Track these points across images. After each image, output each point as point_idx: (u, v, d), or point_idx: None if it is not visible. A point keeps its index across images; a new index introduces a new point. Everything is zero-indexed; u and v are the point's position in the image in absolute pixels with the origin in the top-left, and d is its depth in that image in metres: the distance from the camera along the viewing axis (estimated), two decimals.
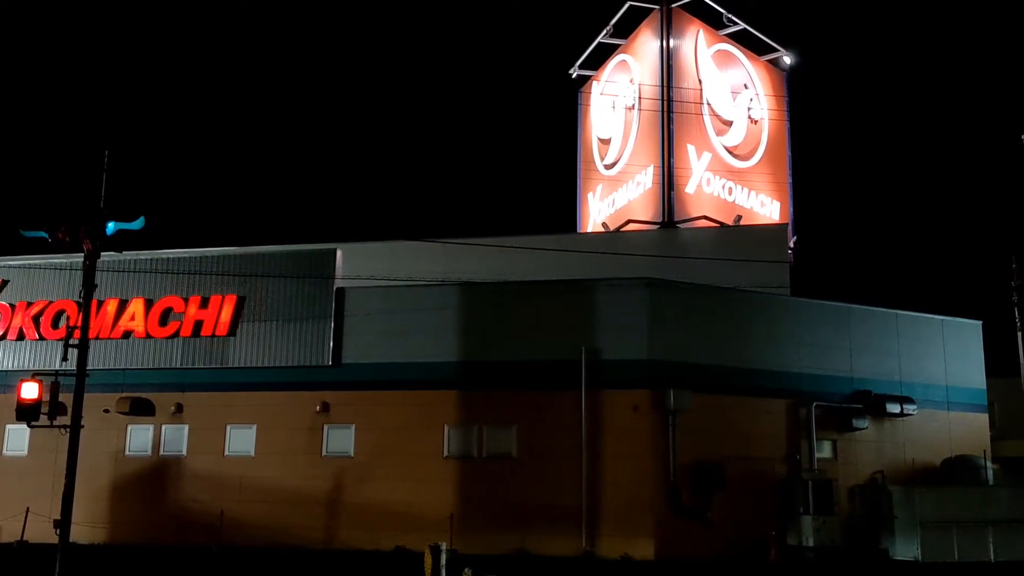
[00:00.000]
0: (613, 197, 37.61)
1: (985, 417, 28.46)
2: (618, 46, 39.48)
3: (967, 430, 27.67)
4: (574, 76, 41.46)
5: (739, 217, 35.79)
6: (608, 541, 23.12)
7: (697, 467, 23.76)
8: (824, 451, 25.65)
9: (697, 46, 36.81)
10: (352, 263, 27.12)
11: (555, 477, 23.71)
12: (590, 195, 39.43)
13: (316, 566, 22.39)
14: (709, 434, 24.15)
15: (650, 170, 35.36)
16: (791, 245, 35.41)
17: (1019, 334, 29.50)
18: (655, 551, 22.84)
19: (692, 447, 23.82)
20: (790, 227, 36.63)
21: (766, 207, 37.28)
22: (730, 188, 36.25)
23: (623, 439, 23.67)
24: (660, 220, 34.50)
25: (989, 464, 26.12)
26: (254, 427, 25.91)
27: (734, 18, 38.53)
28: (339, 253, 26.81)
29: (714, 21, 38.20)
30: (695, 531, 23.36)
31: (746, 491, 24.06)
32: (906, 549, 23.27)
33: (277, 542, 24.11)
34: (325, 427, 25.45)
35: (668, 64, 35.93)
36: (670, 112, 35.16)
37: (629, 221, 35.87)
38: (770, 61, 39.75)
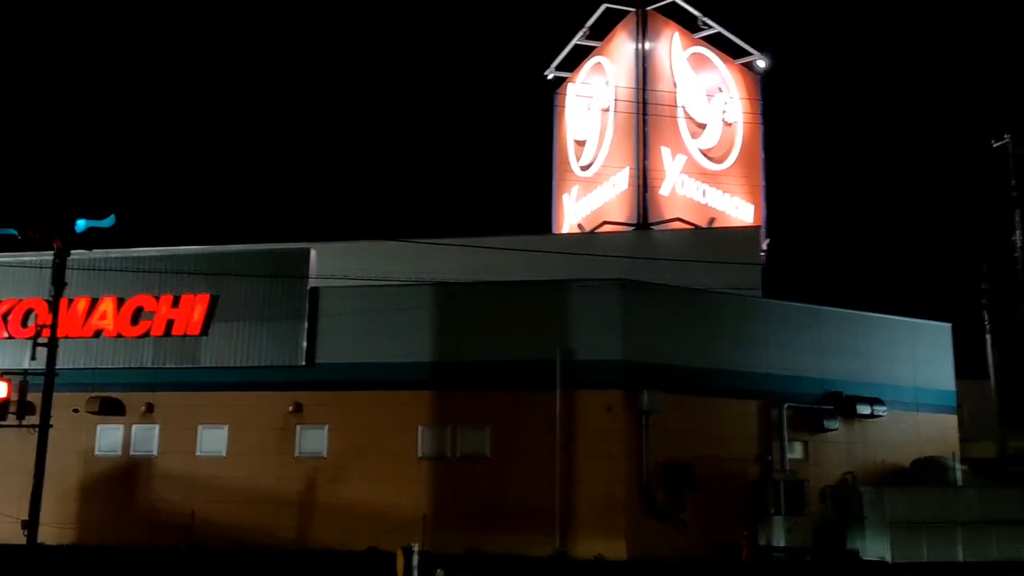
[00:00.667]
0: (588, 198, 37.69)
1: (954, 419, 28.77)
2: (594, 48, 39.58)
3: (936, 431, 27.96)
4: (550, 77, 41.51)
5: (713, 219, 35.99)
6: (582, 541, 23.16)
7: (670, 468, 23.87)
8: (795, 452, 25.85)
9: (672, 49, 36.99)
10: (326, 263, 27.01)
11: (529, 477, 23.73)
12: (565, 196, 39.50)
13: (288, 567, 22.27)
14: (682, 435, 24.26)
15: (625, 172, 35.48)
16: (764, 247, 35.66)
17: (987, 337, 29.92)
18: (628, 551, 22.90)
19: (665, 448, 23.92)
20: (763, 229, 36.89)
21: (740, 209, 37.50)
22: (704, 190, 36.43)
23: (597, 439, 23.73)
24: (635, 222, 34.63)
25: (958, 465, 26.41)
26: (226, 427, 25.75)
27: (709, 21, 38.73)
28: (313, 253, 26.70)
29: (689, 24, 38.40)
30: (668, 531, 23.46)
31: (719, 491, 24.19)
32: (876, 549, 23.47)
33: (249, 542, 23.96)
34: (298, 427, 25.33)
35: (643, 67, 36.09)
36: (645, 115, 35.31)
37: (604, 222, 35.98)
38: (744, 64, 39.99)
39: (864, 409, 26.42)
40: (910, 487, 25.03)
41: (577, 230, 37.53)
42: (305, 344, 25.56)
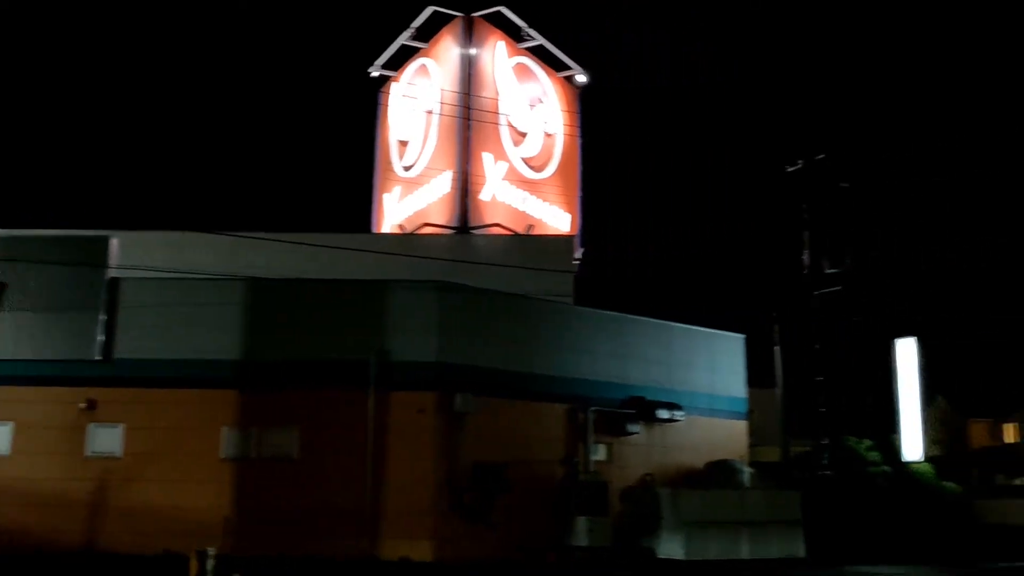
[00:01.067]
0: (410, 199, 37.62)
1: (744, 424, 30.60)
2: (420, 49, 39.58)
3: (728, 436, 29.66)
4: (375, 75, 41.13)
5: (531, 226, 36.76)
6: (389, 543, 23.03)
7: (480, 469, 24.10)
8: (599, 454, 26.72)
9: (496, 57, 37.52)
10: (130, 253, 25.62)
11: (338, 479, 23.38)
12: (387, 196, 39.26)
13: (74, 571, 21.00)
14: (493, 437, 24.59)
15: (447, 175, 35.66)
16: (578, 256, 36.75)
17: (776, 348, 32.00)
18: (434, 553, 22.97)
19: (477, 450, 24.16)
20: (578, 239, 38.02)
21: (557, 218, 38.46)
22: (524, 198, 37.13)
23: (408, 441, 23.68)
24: (456, 225, 34.88)
25: (746, 468, 28.14)
26: (10, 424, 23.96)
27: (533, 33, 39.54)
28: (114, 241, 25.30)
29: (514, 34, 39.08)
30: (477, 533, 23.69)
31: (529, 493, 24.64)
32: (671, 548, 24.55)
33: (33, 546, 22.36)
34: (90, 425, 23.86)
35: (468, 72, 36.43)
36: (469, 120, 35.63)
37: (425, 224, 36.02)
38: (566, 78, 41.08)
39: (664, 414, 27.67)
40: (703, 488, 26.43)
41: (398, 230, 37.41)
42: (102, 337, 24.18)
